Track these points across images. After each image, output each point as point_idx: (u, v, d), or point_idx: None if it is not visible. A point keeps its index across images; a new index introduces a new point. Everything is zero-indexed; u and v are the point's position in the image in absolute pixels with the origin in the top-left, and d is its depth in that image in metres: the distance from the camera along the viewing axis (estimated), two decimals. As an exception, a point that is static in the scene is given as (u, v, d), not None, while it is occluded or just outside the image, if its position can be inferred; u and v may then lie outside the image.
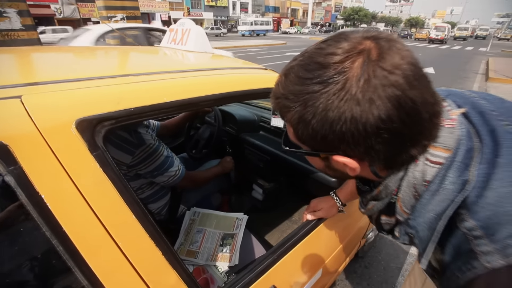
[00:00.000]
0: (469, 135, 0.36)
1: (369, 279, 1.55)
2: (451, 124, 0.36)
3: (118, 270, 0.41)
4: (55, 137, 0.36)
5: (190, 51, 0.96)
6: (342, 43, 0.31)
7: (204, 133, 1.57)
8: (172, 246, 0.48)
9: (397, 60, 0.29)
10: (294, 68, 0.34)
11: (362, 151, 0.33)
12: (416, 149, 0.34)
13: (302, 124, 0.33)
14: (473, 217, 0.32)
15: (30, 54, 0.80)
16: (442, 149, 0.35)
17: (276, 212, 1.57)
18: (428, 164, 0.35)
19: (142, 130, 0.99)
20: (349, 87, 0.29)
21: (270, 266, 0.70)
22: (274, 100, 0.37)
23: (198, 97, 0.54)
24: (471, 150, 0.35)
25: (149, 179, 1.04)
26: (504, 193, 0.31)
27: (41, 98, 0.39)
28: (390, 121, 0.29)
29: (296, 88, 0.32)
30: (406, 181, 0.37)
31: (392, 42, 0.31)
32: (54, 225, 0.35)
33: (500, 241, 0.30)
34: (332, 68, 0.30)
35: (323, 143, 0.34)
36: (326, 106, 0.30)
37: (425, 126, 0.32)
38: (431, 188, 0.35)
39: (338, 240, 1.05)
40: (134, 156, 0.93)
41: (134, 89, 0.48)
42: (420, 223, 0.38)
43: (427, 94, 0.31)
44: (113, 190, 0.40)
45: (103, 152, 0.40)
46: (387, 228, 0.47)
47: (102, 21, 6.15)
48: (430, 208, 0.36)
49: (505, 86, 6.77)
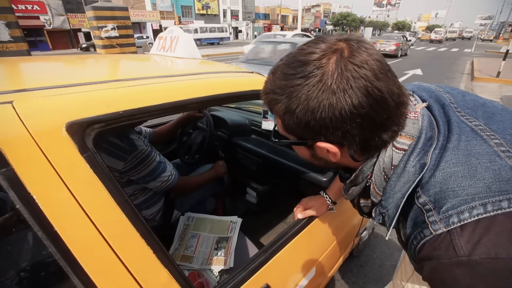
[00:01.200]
0: (431, 125, 0.41)
1: (364, 278, 1.57)
2: (415, 116, 0.41)
3: (110, 269, 0.42)
4: (46, 140, 0.38)
5: (179, 57, 0.99)
6: (320, 44, 0.37)
7: (196, 138, 1.58)
8: (163, 245, 0.49)
9: (364, 57, 0.34)
10: (280, 67, 0.39)
11: (340, 136, 0.37)
12: (386, 134, 0.39)
13: (288, 114, 0.38)
14: (425, 194, 0.38)
15: (21, 63, 0.81)
16: (406, 137, 0.40)
17: (270, 214, 1.58)
18: (395, 150, 0.41)
19: (134, 136, 0.99)
20: (326, 79, 0.34)
21: (263, 264, 0.71)
22: (264, 96, 0.42)
23: (185, 99, 0.56)
24: (431, 138, 0.40)
25: (142, 185, 1.05)
26: (449, 172, 0.36)
27: (32, 103, 0.40)
28: (361, 107, 0.34)
29: (282, 83, 0.37)
30: (377, 166, 0.43)
31: (361, 43, 0.36)
32: (46, 225, 0.36)
33: (444, 213, 0.36)
34: (312, 64, 0.35)
35: (306, 130, 0.38)
36: (308, 96, 0.35)
37: (392, 113, 0.37)
38: (397, 171, 0.41)
39: (331, 238, 1.07)
40: (127, 162, 0.93)
41: (123, 93, 0.50)
42: (390, 202, 0.44)
43: (392, 86, 0.36)
44: (104, 190, 0.41)
45: (93, 153, 0.42)
46: (366, 210, 0.54)
47: (93, 31, 6.15)
48: (397, 189, 0.42)
49: (490, 85, 6.99)
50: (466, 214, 0.34)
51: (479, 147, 0.37)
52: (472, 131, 0.39)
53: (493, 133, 0.39)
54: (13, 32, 4.09)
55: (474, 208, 0.34)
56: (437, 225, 0.36)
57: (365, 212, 0.55)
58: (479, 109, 0.44)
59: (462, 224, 0.34)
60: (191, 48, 0.98)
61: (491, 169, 0.35)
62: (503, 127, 0.40)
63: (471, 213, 0.34)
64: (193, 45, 0.99)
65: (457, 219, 0.34)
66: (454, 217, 0.35)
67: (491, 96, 5.73)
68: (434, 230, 0.36)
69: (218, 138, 1.68)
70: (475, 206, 0.34)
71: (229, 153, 1.66)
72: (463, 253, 0.33)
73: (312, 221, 0.90)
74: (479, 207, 0.34)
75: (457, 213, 0.35)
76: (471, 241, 0.33)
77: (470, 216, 0.34)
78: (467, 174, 0.35)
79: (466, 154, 0.37)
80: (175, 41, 0.99)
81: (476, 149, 0.37)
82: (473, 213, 0.34)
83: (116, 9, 6.12)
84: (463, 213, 0.34)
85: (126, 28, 6.34)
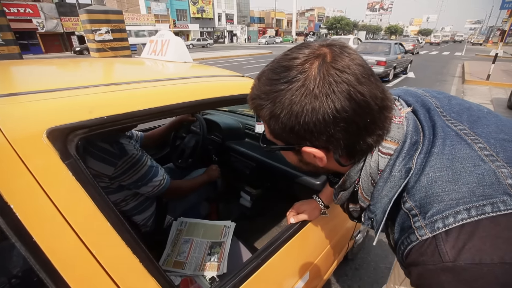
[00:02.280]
0: (417, 129, 0.41)
1: (359, 281, 1.56)
2: (399, 121, 0.42)
3: (93, 280, 0.41)
4: (25, 147, 0.36)
5: (170, 61, 0.98)
6: (303, 50, 0.37)
7: (189, 142, 1.56)
8: (150, 253, 0.47)
9: (347, 62, 0.35)
10: (265, 73, 0.39)
11: (325, 140, 0.37)
12: (371, 138, 0.39)
13: (273, 119, 0.38)
14: (411, 199, 0.38)
15: (5, 67, 0.79)
16: (392, 142, 0.41)
17: (264, 218, 1.57)
18: (380, 155, 0.41)
19: (124, 140, 0.97)
20: (308, 84, 0.34)
21: (255, 270, 0.70)
22: (250, 101, 0.42)
23: (172, 104, 0.55)
24: (416, 142, 0.40)
25: (133, 191, 1.03)
26: (434, 177, 0.37)
27: (11, 108, 0.39)
28: (344, 111, 0.34)
29: (266, 88, 0.38)
30: (364, 170, 0.43)
31: (344, 48, 0.36)
32: (24, 236, 0.35)
33: (429, 218, 0.36)
34: (295, 69, 0.35)
35: (292, 134, 0.38)
36: (291, 101, 0.35)
37: (376, 117, 0.37)
38: (383, 176, 0.41)
39: (324, 241, 1.06)
40: (117, 167, 0.91)
41: (107, 98, 0.49)
42: (378, 207, 0.44)
43: (375, 90, 0.36)
44: (87, 197, 0.40)
45: (76, 160, 0.40)
46: (356, 215, 0.54)
47: (86, 35, 6.10)
48: (384, 194, 0.42)
49: (480, 87, 7.13)
50: (450, 219, 0.34)
51: (463, 152, 0.37)
52: (456, 135, 0.40)
53: (477, 137, 0.39)
54: (5, 35, 4.05)
55: (459, 213, 0.34)
56: (423, 231, 0.36)
57: (354, 217, 0.55)
58: (465, 113, 0.44)
59: (447, 229, 0.34)
60: (182, 52, 0.97)
61: (475, 173, 0.35)
62: (488, 131, 0.40)
63: (456, 218, 0.34)
64: (184, 48, 0.99)
65: (442, 224, 0.34)
66: (439, 222, 0.35)
67: (482, 99, 5.85)
68: (420, 236, 0.36)
69: (211, 142, 1.67)
70: (459, 211, 0.34)
71: (222, 157, 1.65)
72: (448, 259, 0.33)
73: (305, 225, 0.89)
74: (463, 212, 0.34)
75: (442, 218, 0.35)
76: (456, 246, 0.33)
77: (454, 221, 0.34)
78: (452, 178, 0.36)
79: (451, 158, 0.37)
80: (166, 44, 0.98)
81: (461, 154, 0.37)
82: (458, 218, 0.34)
83: (110, 13, 6.09)
84: (447, 218, 0.34)
85: (120, 31, 6.31)
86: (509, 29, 7.97)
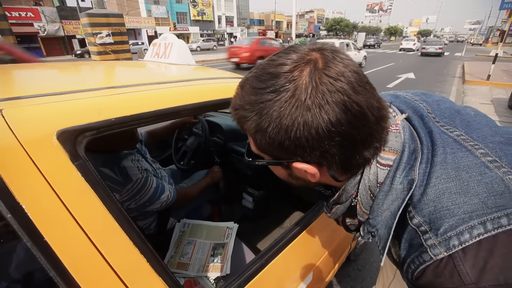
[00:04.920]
0: (412, 137, 0.40)
1: (362, 282, 1.56)
2: (396, 129, 0.39)
3: (102, 279, 0.41)
4: (36, 148, 0.37)
5: (173, 63, 0.99)
6: (291, 55, 0.33)
7: (191, 144, 1.57)
8: (157, 253, 0.48)
9: (340, 68, 0.31)
10: (249, 80, 0.35)
11: (318, 155, 0.34)
12: (368, 151, 0.36)
13: (260, 133, 0.34)
14: (419, 214, 0.35)
15: (12, 70, 0.80)
16: (390, 152, 0.38)
17: (267, 219, 1.58)
18: (379, 167, 0.38)
19: (126, 163, 0.94)
20: (299, 94, 0.31)
21: (259, 271, 0.70)
22: (233, 111, 0.37)
23: (177, 106, 0.56)
24: (415, 151, 0.38)
25: (141, 210, 1.01)
26: (441, 189, 0.34)
27: (22, 111, 0.40)
28: (339, 124, 0.31)
29: (251, 98, 0.33)
30: (362, 184, 0.40)
31: (336, 53, 0.33)
32: (35, 235, 0.35)
33: (442, 235, 0.33)
34: (283, 77, 0.32)
35: (281, 150, 0.35)
36: (280, 113, 0.31)
37: (373, 128, 0.34)
38: (384, 189, 0.38)
39: (327, 243, 1.06)
40: (122, 195, 0.89)
41: (115, 101, 0.50)
42: (378, 221, 0.41)
43: (372, 99, 0.33)
44: (96, 198, 0.41)
45: (85, 161, 0.41)
46: (353, 228, 0.50)
47: (87, 38, 6.13)
48: (385, 208, 0.39)
49: (481, 87, 7.13)
50: (466, 236, 0.31)
51: (466, 159, 0.35)
52: (455, 141, 0.38)
53: (477, 143, 0.37)
54: (6, 39, 4.08)
55: (474, 228, 0.31)
56: (436, 249, 0.33)
57: (352, 230, 0.51)
58: (457, 118, 0.42)
59: (463, 246, 0.31)
60: (185, 54, 0.99)
61: (483, 182, 0.33)
62: (483, 135, 0.39)
63: (472, 233, 0.31)
64: (187, 51, 1.00)
65: (458, 241, 0.32)
66: (454, 240, 0.32)
67: (482, 99, 5.85)
68: (434, 255, 0.33)
69: (213, 144, 1.68)
70: (474, 225, 0.31)
71: (224, 159, 1.65)
72: (469, 281, 0.31)
73: (308, 226, 0.89)
74: (478, 226, 0.31)
75: (456, 235, 0.32)
76: (477, 266, 0.31)
77: (471, 237, 0.31)
78: (460, 190, 0.33)
79: (455, 167, 0.35)
80: (169, 47, 1.00)
81: (464, 162, 0.35)
82: (474, 233, 0.31)
83: (111, 16, 6.12)
84: (463, 234, 0.32)
85: (121, 34, 6.33)
86: (508, 29, 7.99)
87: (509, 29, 7.98)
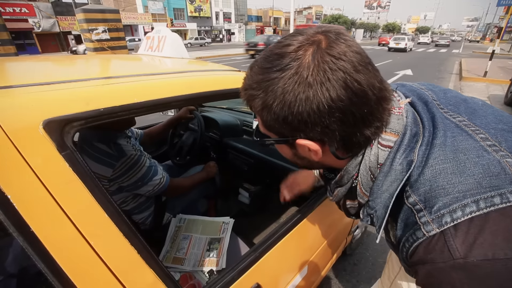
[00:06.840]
0: (415, 121, 0.41)
1: (358, 276, 1.57)
2: (399, 112, 0.40)
3: (91, 270, 0.41)
4: (21, 138, 0.37)
5: (167, 57, 0.98)
6: (298, 37, 0.35)
7: (187, 139, 1.57)
8: (149, 247, 0.48)
9: (343, 48, 0.33)
10: (257, 61, 0.38)
11: (320, 132, 0.36)
12: (369, 130, 0.37)
13: (266, 110, 0.36)
14: (415, 193, 0.36)
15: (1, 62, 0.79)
16: (391, 133, 0.39)
17: (263, 214, 1.58)
18: (380, 148, 0.40)
19: (122, 141, 0.97)
20: (301, 72, 0.33)
21: (253, 264, 0.70)
22: (243, 92, 0.40)
23: (168, 97, 0.55)
24: (416, 134, 0.39)
25: (133, 192, 1.02)
26: (438, 169, 0.35)
27: (7, 101, 0.39)
28: (339, 100, 0.32)
29: (259, 77, 0.36)
30: (363, 165, 0.41)
31: (340, 35, 0.35)
32: (22, 226, 0.35)
33: (435, 212, 0.34)
34: (288, 56, 0.34)
35: (285, 125, 0.37)
36: (284, 90, 0.34)
37: (374, 107, 0.35)
38: (384, 169, 0.40)
39: (323, 236, 1.07)
40: (115, 169, 0.90)
41: (104, 91, 0.49)
42: (378, 203, 0.42)
43: (373, 79, 0.34)
44: (84, 188, 0.40)
45: (73, 152, 0.41)
46: (353, 212, 0.52)
47: (83, 34, 6.06)
48: (384, 189, 0.40)
49: (477, 84, 7.16)
50: (458, 213, 0.32)
51: (466, 143, 0.36)
52: (456, 126, 0.38)
53: (478, 128, 0.38)
54: (1, 35, 4.02)
55: (467, 206, 0.32)
56: (429, 226, 0.34)
57: (352, 213, 0.53)
58: (461, 105, 0.43)
59: (455, 223, 0.32)
60: (178, 47, 0.98)
61: (480, 164, 0.34)
62: (486, 122, 0.39)
63: (464, 211, 0.32)
64: (180, 44, 0.99)
65: (450, 218, 0.33)
66: (446, 217, 0.33)
67: (479, 95, 5.87)
68: (427, 232, 0.34)
69: (209, 139, 1.68)
70: (467, 203, 0.32)
71: (220, 154, 1.65)
72: (458, 255, 0.32)
73: (303, 219, 0.89)
74: (471, 204, 0.32)
75: (449, 212, 0.33)
76: (467, 241, 0.32)
77: (463, 214, 0.32)
78: (456, 170, 0.34)
79: (454, 150, 0.36)
80: (163, 40, 0.98)
81: (463, 145, 0.36)
82: (466, 211, 0.32)
83: (107, 12, 6.03)
84: (455, 212, 0.33)
85: (117, 30, 6.25)
86: (506, 26, 8.01)
87: (506, 26, 7.99)
